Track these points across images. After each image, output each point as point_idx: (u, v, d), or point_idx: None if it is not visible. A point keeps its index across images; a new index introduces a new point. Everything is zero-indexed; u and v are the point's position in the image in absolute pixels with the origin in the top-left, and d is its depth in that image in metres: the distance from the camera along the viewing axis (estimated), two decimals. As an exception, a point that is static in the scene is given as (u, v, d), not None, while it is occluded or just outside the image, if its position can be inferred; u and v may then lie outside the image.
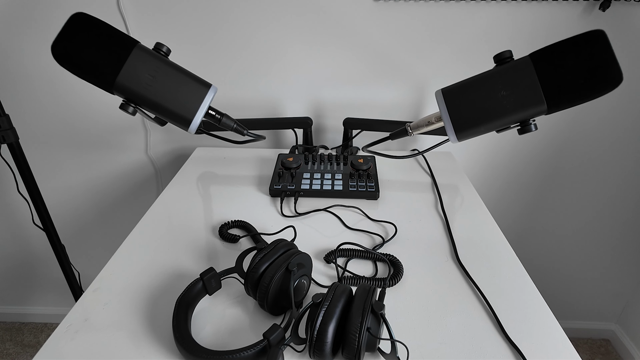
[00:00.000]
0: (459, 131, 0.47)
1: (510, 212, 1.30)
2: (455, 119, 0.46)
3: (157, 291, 0.64)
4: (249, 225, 0.77)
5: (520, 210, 1.29)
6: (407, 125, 0.51)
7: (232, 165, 1.03)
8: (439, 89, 0.48)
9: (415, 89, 1.08)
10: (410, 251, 0.72)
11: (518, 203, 1.28)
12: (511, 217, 1.30)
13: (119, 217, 1.33)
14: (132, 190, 1.29)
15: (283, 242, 0.60)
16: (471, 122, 0.46)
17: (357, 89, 1.08)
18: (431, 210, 0.84)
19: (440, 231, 0.77)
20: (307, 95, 1.10)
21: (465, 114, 0.46)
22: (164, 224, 0.79)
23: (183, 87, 0.47)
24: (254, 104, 1.11)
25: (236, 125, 0.52)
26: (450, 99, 0.47)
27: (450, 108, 0.46)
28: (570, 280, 1.43)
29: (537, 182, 1.23)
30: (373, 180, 0.89)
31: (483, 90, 0.45)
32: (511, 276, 0.67)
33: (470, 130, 0.47)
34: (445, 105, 0.47)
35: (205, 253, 0.72)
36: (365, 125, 1.03)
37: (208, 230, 0.77)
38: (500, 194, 1.26)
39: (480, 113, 0.45)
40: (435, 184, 0.93)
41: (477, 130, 0.46)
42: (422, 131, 0.50)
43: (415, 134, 0.50)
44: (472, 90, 0.46)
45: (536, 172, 1.21)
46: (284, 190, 0.86)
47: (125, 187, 1.28)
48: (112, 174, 1.25)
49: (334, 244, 0.73)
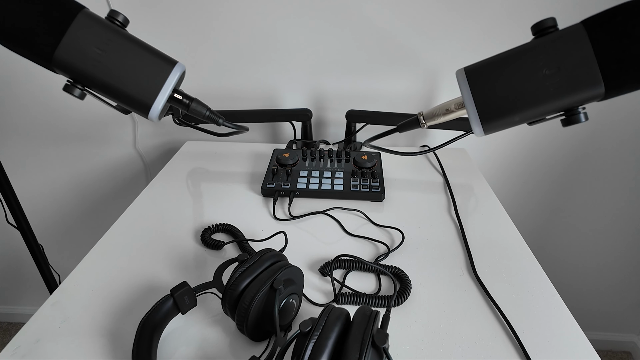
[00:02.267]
0: (486, 121, 0.37)
1: (527, 213, 1.19)
2: (482, 106, 0.37)
3: (125, 307, 0.55)
4: (236, 229, 0.68)
5: (538, 212, 1.19)
6: (419, 114, 0.41)
7: (223, 161, 0.94)
8: (461, 68, 0.38)
9: (427, 79, 0.97)
10: (419, 263, 0.62)
11: (536, 204, 1.17)
12: (528, 219, 1.20)
13: (106, 215, 1.25)
14: (120, 187, 1.20)
15: (270, 253, 0.51)
16: (502, 110, 0.36)
17: (361, 78, 0.98)
18: (443, 214, 0.74)
19: (453, 239, 0.68)
20: (306, 85, 1.00)
21: (495, 100, 0.36)
22: (140, 227, 0.70)
23: (141, 65, 0.38)
24: (248, 94, 1.02)
25: (209, 113, 0.43)
26: (475, 80, 0.37)
27: (475, 92, 0.36)
28: (589, 289, 1.32)
29: (558, 181, 1.13)
30: (378, 180, 0.79)
31: (519, 68, 0.35)
32: (537, 294, 0.57)
33: (501, 120, 0.37)
34: (468, 89, 0.37)
35: (184, 261, 0.63)
36: (371, 118, 0.93)
37: (189, 234, 0.68)
38: (517, 194, 1.16)
39: (514, 98, 0.35)
40: (447, 184, 0.83)
41: (510, 120, 0.37)
42: (438, 122, 0.40)
43: (429, 126, 0.40)
44: (505, 69, 0.36)
45: (557, 170, 1.10)
46: (277, 190, 0.77)
47: (112, 183, 1.19)
48: (98, 169, 1.17)
49: (331, 253, 0.64)
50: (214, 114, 0.43)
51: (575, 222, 1.19)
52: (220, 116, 0.44)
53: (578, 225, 1.20)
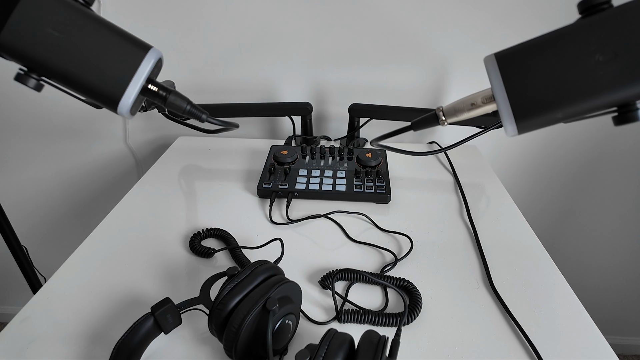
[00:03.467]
0: (521, 118, 0.31)
1: (538, 213, 1.13)
2: (517, 100, 0.30)
3: (101, 325, 0.49)
4: (228, 235, 0.62)
5: (550, 212, 1.13)
6: (438, 110, 0.35)
7: (217, 158, 0.87)
8: (490, 54, 0.32)
9: (436, 70, 0.91)
10: (429, 273, 0.56)
11: (547, 204, 1.11)
12: (539, 218, 1.14)
13: (96, 215, 1.19)
14: (111, 184, 1.14)
15: (263, 266, 0.45)
16: (542, 105, 0.29)
17: (365, 70, 0.92)
18: (454, 218, 0.68)
19: (466, 245, 0.62)
20: (306, 77, 0.93)
21: (533, 93, 0.29)
22: (125, 231, 0.64)
23: (108, 50, 0.32)
24: (244, 87, 0.95)
25: (190, 107, 0.37)
26: (508, 68, 0.30)
27: (508, 83, 0.30)
28: (606, 291, 1.26)
29: (572, 180, 1.06)
30: (383, 180, 0.73)
31: (563, 54, 0.29)
32: (562, 310, 0.51)
33: (540, 117, 0.30)
34: (500, 79, 0.31)
35: (170, 270, 0.57)
36: (375, 112, 0.87)
37: (178, 239, 0.63)
38: (528, 193, 1.10)
39: (557, 91, 0.29)
40: (458, 184, 0.77)
41: (550, 117, 0.30)
42: (461, 118, 0.34)
43: (450, 123, 0.34)
44: (545, 55, 0.29)
45: (571, 168, 1.04)
46: (274, 191, 0.71)
47: (102, 180, 1.13)
48: (86, 166, 1.11)
49: (333, 261, 0.58)
50: (196, 108, 0.37)
51: (588, 222, 1.13)
52: (203, 111, 0.37)
53: (591, 226, 1.13)
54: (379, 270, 0.57)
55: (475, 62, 0.89)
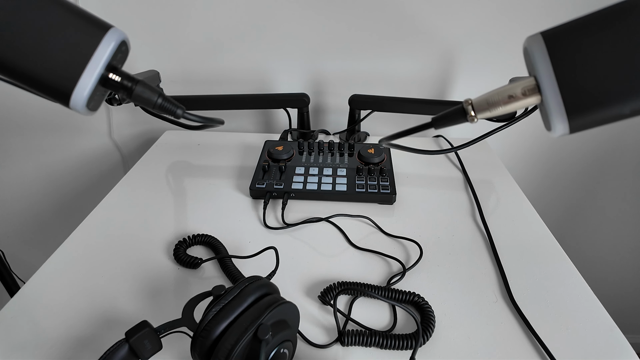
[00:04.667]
0: (576, 114, 0.24)
1: (546, 209, 1.07)
2: (571, 91, 0.24)
3: (71, 351, 0.43)
4: (217, 242, 0.55)
5: (558, 207, 1.07)
6: (466, 103, 0.28)
7: (206, 154, 0.81)
8: (536, 34, 0.25)
9: (443, 58, 0.84)
10: (442, 285, 0.51)
11: (556, 199, 1.05)
12: (547, 214, 1.08)
13: (80, 214, 1.12)
14: (96, 181, 1.08)
15: (255, 284, 0.39)
16: (604, 97, 0.23)
17: (367, 58, 0.85)
18: (466, 220, 0.62)
19: (481, 252, 0.56)
20: (303, 67, 0.87)
21: (593, 81, 0.23)
22: (104, 236, 0.58)
23: (56, 32, 0.26)
24: (236, 77, 0.88)
25: (162, 101, 0.30)
26: (560, 51, 0.24)
27: (560, 70, 0.24)
28: (625, 289, 1.21)
29: (583, 175, 1.01)
30: (388, 178, 0.67)
31: (633, 32, 0.23)
32: (590, 325, 0.45)
33: (600, 111, 0.24)
34: (550, 65, 0.24)
35: (152, 283, 0.51)
36: (377, 104, 0.80)
37: (162, 246, 0.56)
38: (536, 188, 1.04)
39: (626, 78, 0.23)
40: (468, 182, 0.71)
41: (613, 111, 0.24)
42: (495, 113, 0.28)
43: (482, 119, 0.28)
44: (609, 33, 0.23)
45: (583, 163, 0.98)
46: (268, 191, 0.65)
47: (87, 176, 1.07)
48: (70, 161, 1.04)
49: (334, 270, 0.52)
50: (169, 102, 0.30)
51: (598, 219, 1.08)
52: (178, 105, 0.31)
53: (603, 220, 1.08)
54: (386, 282, 0.51)
55: (486, 49, 0.82)
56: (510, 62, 0.83)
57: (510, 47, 0.82)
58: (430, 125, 0.31)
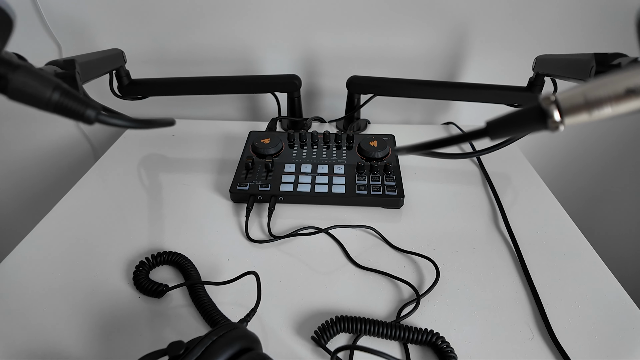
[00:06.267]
0: None
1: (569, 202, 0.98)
2: None
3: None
4: (186, 262, 0.45)
5: (577, 200, 0.98)
6: (546, 101, 0.18)
7: (182, 146, 0.70)
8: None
9: (455, 34, 0.73)
10: (463, 316, 0.41)
11: (574, 193, 0.96)
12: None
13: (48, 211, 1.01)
14: (65, 174, 0.96)
15: (226, 337, 0.29)
16: None
17: (367, 34, 0.73)
18: (488, 227, 0.52)
19: (510, 271, 0.46)
20: (293, 44, 0.75)
21: None
22: (51, 255, 0.48)
23: None
24: (217, 55, 0.76)
25: (60, 96, 0.19)
26: None
27: None
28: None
29: (606, 168, 0.91)
30: (394, 176, 0.56)
31: None
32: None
33: None
34: None
35: (103, 317, 0.41)
36: (380, 87, 0.69)
37: (120, 266, 0.46)
38: (553, 181, 0.94)
39: None
40: (486, 177, 0.61)
41: None
42: (598, 117, 0.18)
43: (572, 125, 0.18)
44: None
45: (607, 155, 0.89)
46: (253, 194, 0.54)
47: (53, 170, 0.95)
48: (35, 153, 0.93)
49: (330, 295, 0.42)
50: (73, 98, 0.20)
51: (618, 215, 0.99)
52: (90, 103, 0.20)
53: (620, 218, 0.99)
54: (395, 313, 0.41)
55: (504, 23, 0.71)
56: (532, 39, 0.72)
57: (533, 21, 0.70)
58: (484, 132, 0.21)
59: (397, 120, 0.84)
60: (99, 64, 0.54)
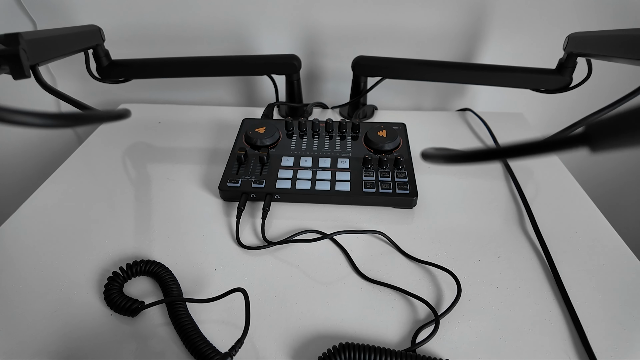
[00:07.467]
0: None
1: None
2: None
3: None
4: (166, 273, 0.39)
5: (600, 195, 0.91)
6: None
7: (169, 134, 0.63)
8: None
9: (472, 8, 0.65)
10: (490, 343, 0.35)
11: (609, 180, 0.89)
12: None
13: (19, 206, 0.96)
14: (48, 163, 0.90)
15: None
16: None
17: (374, 10, 0.65)
18: (513, 229, 0.46)
19: (541, 284, 0.40)
20: (292, 21, 0.67)
21: None
22: (11, 265, 0.42)
23: None
24: (208, 34, 0.69)
25: None
26: None
27: None
28: None
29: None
30: (405, 172, 0.50)
31: None
32: None
33: None
34: None
35: (73, 341, 0.35)
36: (389, 69, 0.62)
37: (90, 277, 0.40)
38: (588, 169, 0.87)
39: None
40: (509, 171, 0.54)
41: None
42: None
43: None
44: None
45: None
46: (245, 192, 0.48)
47: (37, 159, 0.89)
48: (17, 142, 0.86)
49: (334, 314, 0.36)
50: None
51: None
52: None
53: None
54: (410, 338, 0.35)
55: None
56: (558, 17, 0.64)
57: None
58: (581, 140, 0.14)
59: (407, 106, 0.77)
60: (67, 41, 0.47)
